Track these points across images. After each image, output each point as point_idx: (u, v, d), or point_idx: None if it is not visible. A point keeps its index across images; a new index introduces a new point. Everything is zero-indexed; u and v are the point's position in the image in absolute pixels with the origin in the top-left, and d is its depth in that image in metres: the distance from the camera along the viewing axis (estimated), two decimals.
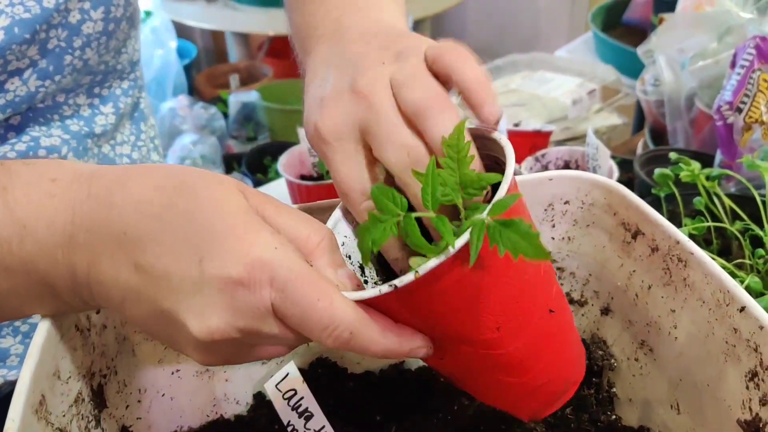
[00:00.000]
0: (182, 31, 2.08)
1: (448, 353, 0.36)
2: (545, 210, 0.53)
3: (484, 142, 0.38)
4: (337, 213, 0.40)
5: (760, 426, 0.38)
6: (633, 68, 1.23)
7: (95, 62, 0.56)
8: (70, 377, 0.40)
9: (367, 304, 0.34)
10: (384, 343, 0.34)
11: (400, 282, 0.32)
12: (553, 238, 0.54)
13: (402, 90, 0.37)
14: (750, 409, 0.39)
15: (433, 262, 0.32)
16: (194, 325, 0.33)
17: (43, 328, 0.38)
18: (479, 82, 0.37)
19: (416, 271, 0.32)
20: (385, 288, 0.32)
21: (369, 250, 0.35)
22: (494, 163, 0.38)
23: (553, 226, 0.54)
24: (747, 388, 0.39)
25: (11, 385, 0.56)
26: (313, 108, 0.40)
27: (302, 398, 0.49)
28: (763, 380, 0.38)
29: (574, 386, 0.41)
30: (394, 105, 0.37)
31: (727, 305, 0.40)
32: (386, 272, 0.41)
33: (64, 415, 0.39)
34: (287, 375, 0.48)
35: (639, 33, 1.50)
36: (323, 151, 0.39)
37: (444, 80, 0.38)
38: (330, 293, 0.33)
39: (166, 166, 0.37)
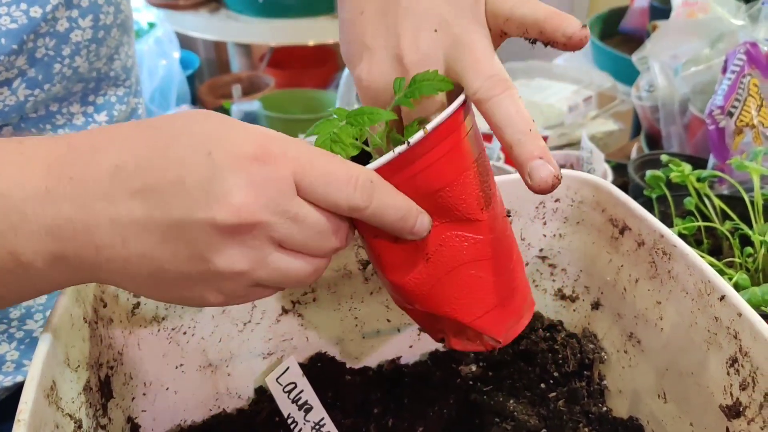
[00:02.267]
0: (185, 42, 2.11)
1: (433, 245, 0.38)
2: (536, 208, 0.55)
3: None
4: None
5: (741, 410, 0.40)
6: (629, 75, 1.25)
7: (85, 70, 0.55)
8: (79, 366, 0.42)
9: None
10: (400, 199, 0.35)
11: (412, 139, 0.34)
12: (545, 235, 0.56)
13: (462, 78, 0.37)
14: (731, 394, 0.41)
15: (437, 120, 0.35)
16: (218, 210, 0.31)
17: (54, 318, 0.40)
18: (549, 16, 0.37)
19: (425, 128, 0.34)
20: (399, 148, 0.34)
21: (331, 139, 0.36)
22: None
23: (545, 223, 0.55)
24: (728, 374, 0.41)
25: (6, 391, 0.56)
26: (356, 47, 0.40)
27: (302, 391, 0.51)
28: (742, 366, 0.40)
29: (530, 309, 0.43)
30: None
31: (708, 295, 0.42)
32: None
33: (73, 402, 0.40)
34: (287, 369, 0.50)
35: (635, 41, 1.52)
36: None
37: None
38: (339, 156, 0.34)
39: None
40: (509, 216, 0.54)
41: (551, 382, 0.56)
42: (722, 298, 0.41)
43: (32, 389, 0.35)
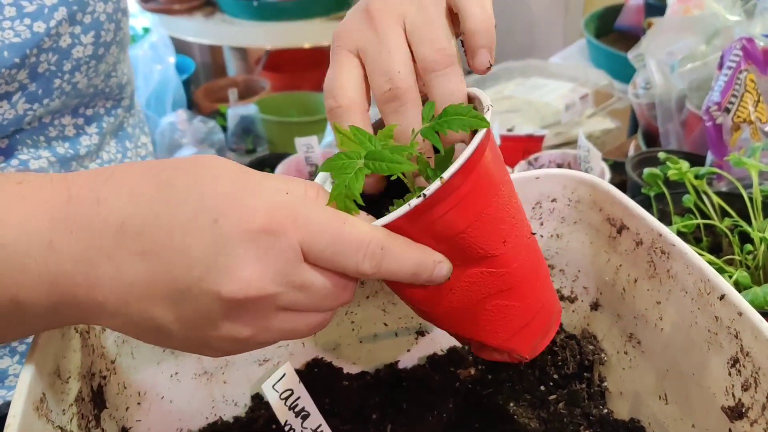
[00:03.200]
0: (180, 46, 2.10)
1: (457, 282, 0.37)
2: (533, 208, 0.54)
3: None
4: (322, 174, 0.40)
5: (743, 411, 0.39)
6: (626, 73, 1.24)
7: (84, 86, 0.55)
8: (70, 377, 0.41)
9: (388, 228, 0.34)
10: (413, 254, 0.34)
11: (428, 191, 0.33)
12: (542, 236, 0.55)
13: (413, 36, 0.37)
14: (733, 395, 0.40)
15: (454, 167, 0.33)
16: (225, 284, 0.30)
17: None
18: (481, 30, 0.37)
19: (441, 177, 0.33)
20: (414, 201, 0.33)
21: (344, 193, 0.34)
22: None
23: (542, 224, 0.55)
24: (729, 374, 0.40)
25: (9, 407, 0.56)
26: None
27: (299, 398, 0.50)
28: (743, 366, 0.39)
29: (558, 318, 0.43)
30: (398, 39, 0.37)
31: (708, 294, 0.41)
32: None
33: (64, 414, 0.40)
34: (284, 375, 0.49)
35: (631, 39, 1.51)
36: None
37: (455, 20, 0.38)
38: (351, 218, 0.33)
39: (144, 161, 0.37)
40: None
41: (551, 384, 0.55)
42: (722, 297, 0.40)
43: (21, 402, 0.35)
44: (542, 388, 0.55)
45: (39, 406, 0.37)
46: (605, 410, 0.53)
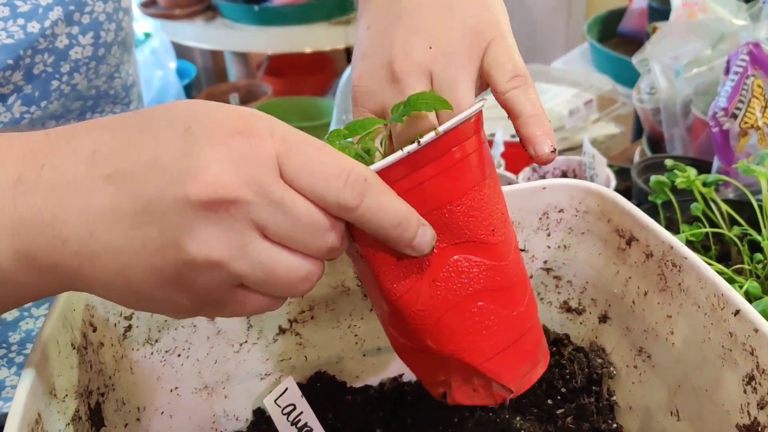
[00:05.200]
0: (181, 51, 2.10)
1: (440, 270, 0.35)
2: (540, 219, 0.53)
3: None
4: None
5: (759, 430, 0.38)
6: (629, 77, 1.23)
7: (84, 87, 0.55)
8: (66, 395, 0.40)
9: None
10: (399, 203, 0.31)
11: (423, 139, 0.32)
12: (549, 247, 0.54)
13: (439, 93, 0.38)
14: (748, 413, 0.39)
15: (449, 123, 0.33)
16: (190, 185, 0.27)
17: (39, 346, 0.38)
18: (535, 120, 0.37)
19: (437, 130, 0.33)
20: (409, 147, 0.32)
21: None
22: None
23: (549, 234, 0.54)
24: (744, 392, 0.39)
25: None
26: (356, 58, 0.40)
27: (301, 413, 0.49)
28: (760, 384, 0.38)
29: (546, 357, 0.41)
30: None
31: (721, 309, 0.40)
32: None
33: None
34: (286, 390, 0.48)
35: (634, 43, 1.51)
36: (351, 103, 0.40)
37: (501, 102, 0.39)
38: (333, 148, 0.30)
39: None
40: (523, 250, 0.52)
41: (558, 398, 0.54)
42: (737, 312, 0.39)
43: (15, 424, 0.34)
44: (549, 401, 0.54)
45: (34, 428, 0.36)
46: (614, 425, 0.52)
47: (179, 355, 0.50)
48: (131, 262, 0.29)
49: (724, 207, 0.70)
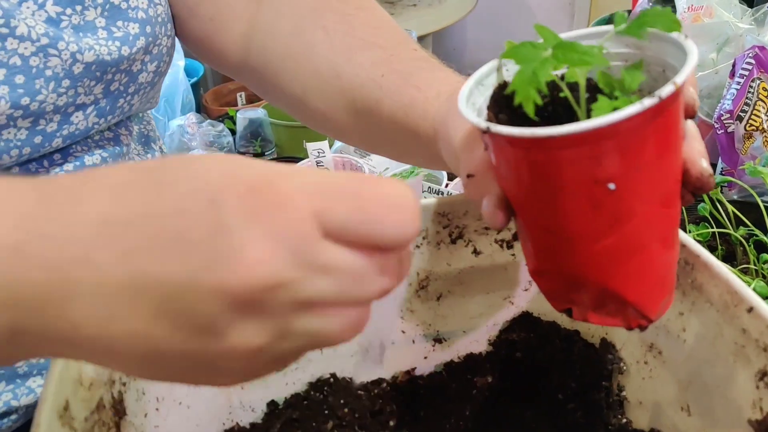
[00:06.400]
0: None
1: (634, 223, 0.33)
2: None
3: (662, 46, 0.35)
4: (486, 67, 0.37)
5: None
6: None
7: (137, 108, 0.59)
8: (92, 384, 0.41)
9: (594, 136, 0.29)
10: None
11: (662, 92, 0.29)
12: None
13: None
14: (761, 408, 0.40)
15: (684, 72, 0.30)
16: (229, 273, 0.24)
17: None
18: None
19: (674, 82, 0.29)
20: (648, 101, 0.29)
21: (529, 80, 0.30)
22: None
23: None
24: (757, 388, 0.40)
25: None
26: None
27: None
28: None
29: (674, 288, 0.39)
30: None
31: (735, 306, 0.41)
32: None
33: (86, 421, 0.39)
34: None
35: None
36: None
37: None
38: (372, 177, 0.27)
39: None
40: None
41: (569, 393, 0.55)
42: (750, 310, 0.40)
43: (46, 410, 0.35)
44: (560, 396, 0.55)
45: (62, 414, 0.37)
46: (624, 420, 0.53)
47: None
48: (157, 347, 0.26)
49: (731, 208, 0.71)
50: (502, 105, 0.34)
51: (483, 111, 0.36)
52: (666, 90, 0.29)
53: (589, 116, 0.31)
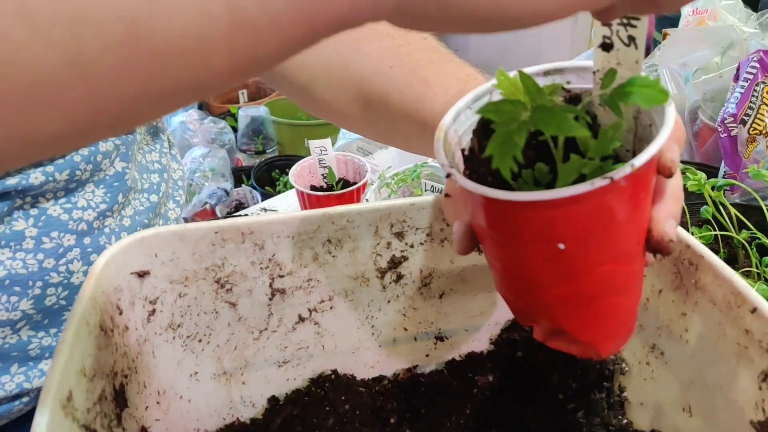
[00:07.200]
0: None
1: (586, 277, 0.34)
2: None
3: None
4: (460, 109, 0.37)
5: None
6: None
7: (155, 121, 0.63)
8: (95, 375, 0.41)
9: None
10: None
11: (637, 161, 0.30)
12: None
13: None
14: (763, 410, 0.40)
15: (662, 135, 0.31)
16: None
17: (72, 326, 0.39)
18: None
19: (631, 164, 0.30)
20: (640, 159, 0.30)
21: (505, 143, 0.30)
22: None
23: None
24: (760, 389, 0.40)
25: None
26: None
27: None
28: None
29: (633, 330, 0.40)
30: None
31: (738, 307, 0.41)
32: None
33: (88, 412, 0.39)
34: None
35: None
36: None
37: None
38: None
39: None
40: None
41: (570, 393, 0.55)
42: (754, 310, 0.40)
43: (49, 400, 0.35)
44: (561, 396, 0.55)
45: (65, 405, 0.37)
46: (625, 420, 0.53)
47: (200, 341, 0.51)
48: None
49: (733, 211, 0.71)
50: (489, 132, 0.34)
51: (469, 133, 0.37)
52: (620, 173, 0.30)
53: (555, 176, 0.33)
